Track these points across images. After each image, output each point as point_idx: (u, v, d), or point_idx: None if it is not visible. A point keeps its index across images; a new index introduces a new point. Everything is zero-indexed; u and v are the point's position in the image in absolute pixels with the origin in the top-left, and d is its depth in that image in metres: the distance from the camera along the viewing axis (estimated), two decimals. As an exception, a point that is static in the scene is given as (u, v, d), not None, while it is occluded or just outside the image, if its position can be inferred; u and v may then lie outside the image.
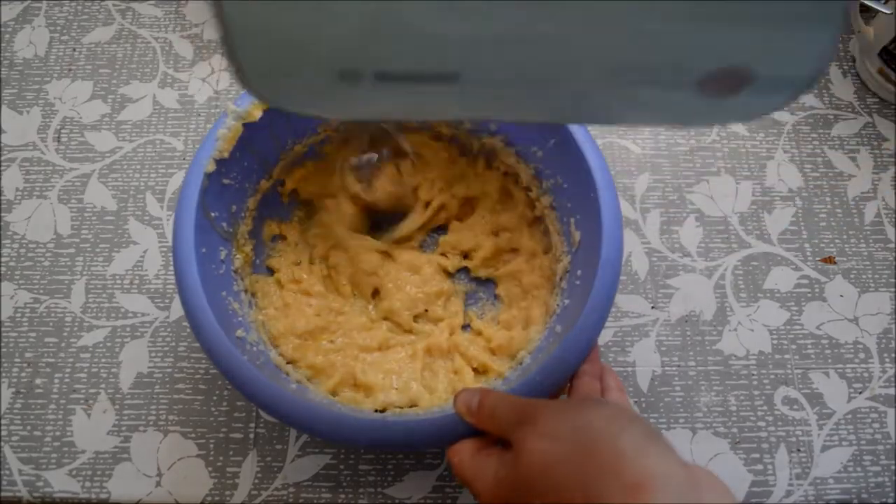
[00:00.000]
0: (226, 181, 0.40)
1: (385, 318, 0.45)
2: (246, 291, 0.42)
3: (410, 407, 0.40)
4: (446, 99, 0.22)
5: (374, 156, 0.43)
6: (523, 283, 0.45)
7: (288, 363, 0.41)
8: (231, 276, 0.40)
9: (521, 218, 0.47)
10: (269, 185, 0.44)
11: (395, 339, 0.44)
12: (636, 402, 0.45)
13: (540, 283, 0.44)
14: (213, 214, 0.39)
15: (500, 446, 0.31)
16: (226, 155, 0.39)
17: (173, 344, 0.45)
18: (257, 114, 0.39)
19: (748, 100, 0.20)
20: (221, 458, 0.43)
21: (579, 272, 0.39)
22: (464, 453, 0.31)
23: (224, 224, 0.40)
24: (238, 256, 0.41)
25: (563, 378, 0.35)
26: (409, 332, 0.45)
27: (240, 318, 0.39)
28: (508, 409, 0.31)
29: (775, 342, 0.46)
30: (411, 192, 0.48)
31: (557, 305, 0.41)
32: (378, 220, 0.48)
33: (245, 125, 0.39)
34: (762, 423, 0.44)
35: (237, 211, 0.41)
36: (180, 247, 0.36)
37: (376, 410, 0.39)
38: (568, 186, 0.41)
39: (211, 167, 0.38)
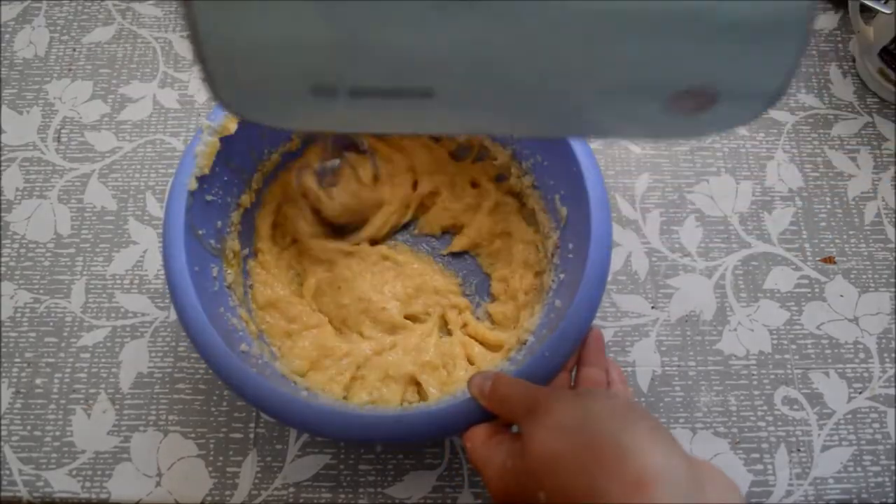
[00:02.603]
0: (209, 198, 0.39)
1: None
2: (242, 305, 0.41)
3: (420, 401, 0.41)
4: (421, 114, 0.22)
5: (337, 161, 0.41)
6: (513, 267, 0.46)
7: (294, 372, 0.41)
8: (225, 292, 0.40)
9: (505, 205, 0.47)
10: (250, 199, 0.44)
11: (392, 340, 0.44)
12: (636, 401, 0.45)
13: (532, 263, 0.45)
14: (200, 232, 0.38)
15: (513, 431, 0.31)
16: (206, 171, 0.38)
17: (173, 344, 0.45)
18: (233, 127, 0.39)
19: (714, 116, 0.21)
20: (221, 458, 0.43)
21: (571, 245, 0.39)
22: (476, 439, 0.32)
23: (212, 241, 0.40)
24: (229, 272, 0.41)
25: (570, 351, 0.35)
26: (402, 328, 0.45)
27: (240, 333, 0.38)
28: (519, 396, 0.31)
29: (775, 342, 0.46)
30: (372, 206, 0.47)
31: (553, 281, 0.41)
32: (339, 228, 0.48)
33: (221, 139, 0.39)
34: (762, 423, 0.44)
35: (222, 227, 0.41)
36: (174, 267, 0.35)
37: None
38: (548, 164, 0.42)
39: (193, 185, 0.37)
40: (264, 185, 0.45)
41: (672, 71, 0.19)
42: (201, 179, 0.38)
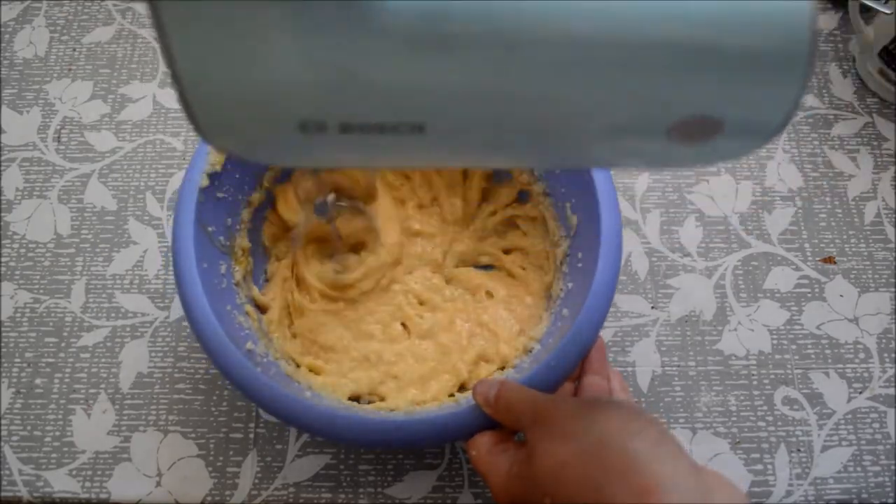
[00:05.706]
0: (220, 195, 0.39)
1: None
2: (251, 303, 0.41)
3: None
4: (413, 149, 0.21)
5: (332, 197, 0.38)
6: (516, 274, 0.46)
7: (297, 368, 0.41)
8: (233, 290, 0.40)
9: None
10: (261, 197, 0.44)
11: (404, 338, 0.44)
12: (636, 402, 0.45)
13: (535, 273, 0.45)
14: (210, 229, 0.38)
15: (517, 438, 0.31)
16: (218, 168, 0.38)
17: (173, 344, 0.45)
18: None
19: (717, 146, 0.21)
20: (221, 458, 0.43)
21: (580, 254, 0.39)
22: (481, 447, 0.32)
23: (221, 238, 0.40)
24: (238, 269, 0.41)
25: (576, 360, 0.35)
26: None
27: (246, 331, 0.38)
28: (524, 405, 0.31)
29: (775, 342, 0.46)
30: (376, 230, 0.44)
31: (561, 290, 0.41)
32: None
33: None
34: (762, 423, 0.44)
35: (232, 224, 0.41)
36: (182, 263, 0.35)
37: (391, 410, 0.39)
38: (561, 171, 0.42)
39: (205, 182, 0.38)
40: (276, 181, 0.45)
41: (678, 102, 0.19)
42: (212, 176, 0.38)
